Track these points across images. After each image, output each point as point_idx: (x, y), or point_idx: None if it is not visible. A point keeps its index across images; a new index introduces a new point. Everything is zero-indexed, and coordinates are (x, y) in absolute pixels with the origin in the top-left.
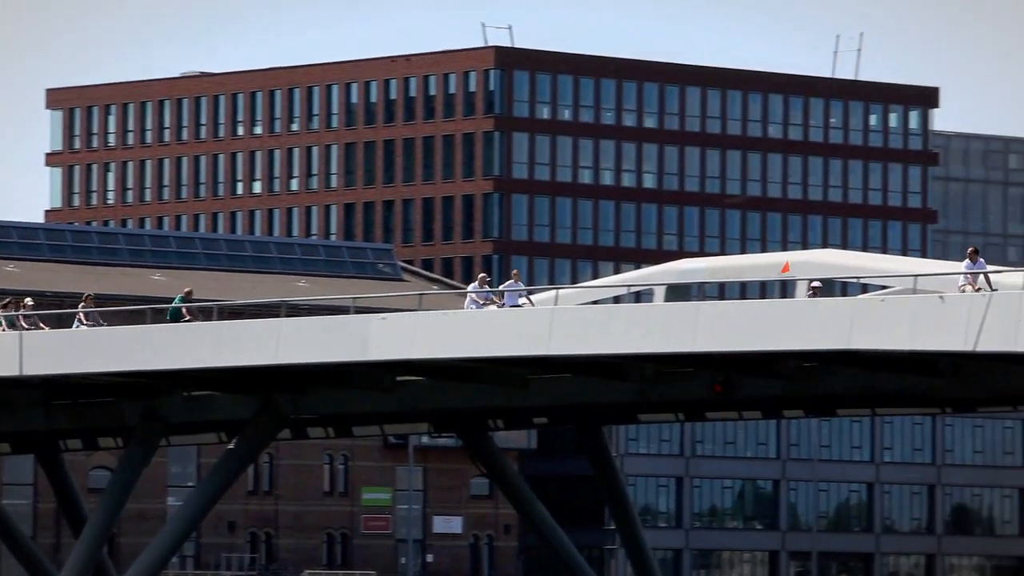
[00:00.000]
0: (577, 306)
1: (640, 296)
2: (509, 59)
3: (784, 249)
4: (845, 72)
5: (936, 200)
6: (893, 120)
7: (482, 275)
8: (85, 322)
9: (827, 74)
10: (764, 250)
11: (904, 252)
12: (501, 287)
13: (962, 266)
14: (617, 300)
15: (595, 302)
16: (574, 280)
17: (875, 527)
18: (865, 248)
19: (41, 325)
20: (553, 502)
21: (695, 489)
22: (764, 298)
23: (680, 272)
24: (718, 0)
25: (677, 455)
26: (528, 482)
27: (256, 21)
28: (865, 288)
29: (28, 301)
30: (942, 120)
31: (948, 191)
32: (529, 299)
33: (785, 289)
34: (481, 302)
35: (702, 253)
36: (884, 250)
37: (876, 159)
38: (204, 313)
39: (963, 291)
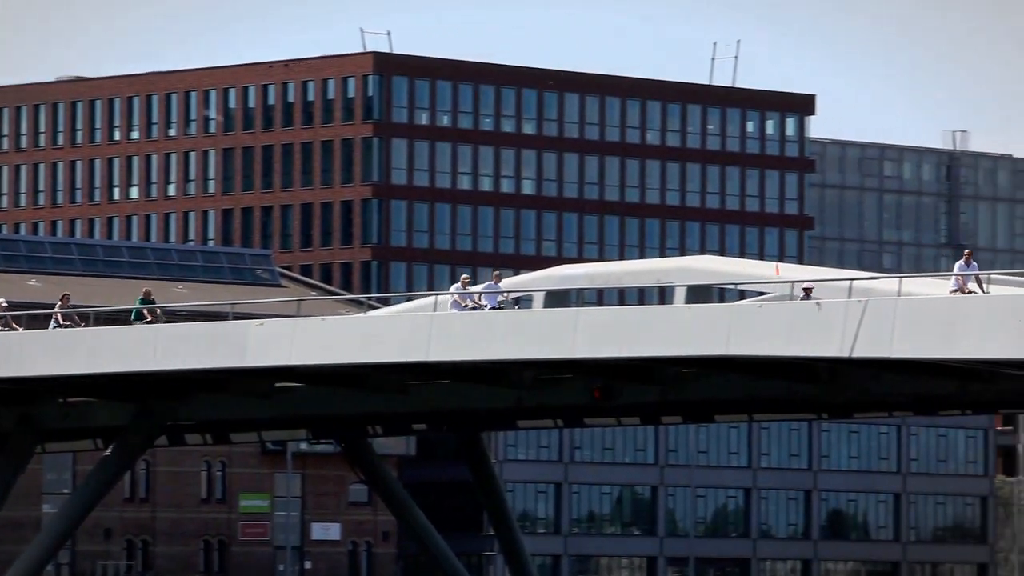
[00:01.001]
0: (456, 312)
1: (519, 302)
2: (388, 65)
3: (662, 255)
4: (722, 79)
5: (812, 207)
6: (770, 127)
7: (464, 276)
8: (62, 322)
9: (705, 81)
10: (642, 256)
11: (781, 258)
12: (480, 288)
13: (956, 267)
14: None
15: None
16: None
17: (752, 532)
18: (742, 254)
19: (14, 326)
20: (432, 508)
21: (573, 495)
22: (642, 305)
23: (559, 278)
24: (596, 7)
25: (556, 461)
26: (407, 488)
27: (133, 26)
28: (742, 294)
29: (2, 302)
30: (818, 127)
31: (824, 198)
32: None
33: (663, 296)
34: (463, 304)
35: (580, 259)
36: (761, 256)
37: (753, 166)
38: (167, 314)
39: (954, 293)
